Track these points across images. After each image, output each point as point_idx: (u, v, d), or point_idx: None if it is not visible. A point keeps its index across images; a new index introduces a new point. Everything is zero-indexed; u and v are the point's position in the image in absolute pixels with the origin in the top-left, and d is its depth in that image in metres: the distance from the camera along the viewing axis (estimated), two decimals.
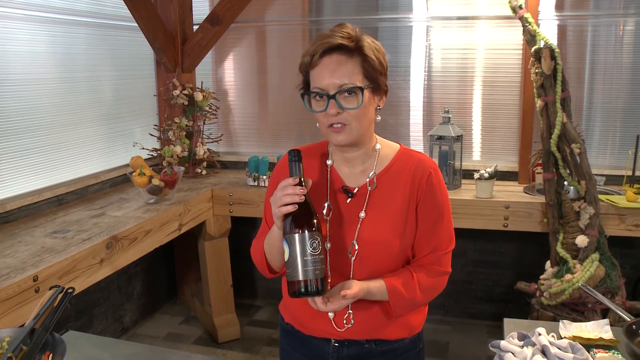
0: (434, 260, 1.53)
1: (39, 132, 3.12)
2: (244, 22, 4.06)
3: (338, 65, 1.39)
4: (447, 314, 4.05)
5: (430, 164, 1.54)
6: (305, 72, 1.45)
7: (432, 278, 1.53)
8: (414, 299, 1.49)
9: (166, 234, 3.07)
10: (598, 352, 1.61)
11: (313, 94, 1.43)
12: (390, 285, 1.46)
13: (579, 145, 2.97)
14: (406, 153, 1.56)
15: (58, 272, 2.27)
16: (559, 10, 3.50)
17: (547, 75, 3.01)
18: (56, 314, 1.41)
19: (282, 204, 1.33)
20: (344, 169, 1.55)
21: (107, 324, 3.69)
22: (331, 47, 1.38)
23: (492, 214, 3.21)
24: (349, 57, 1.39)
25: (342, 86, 1.38)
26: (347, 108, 1.39)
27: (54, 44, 3.21)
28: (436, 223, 1.51)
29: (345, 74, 1.38)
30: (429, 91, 3.81)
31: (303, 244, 1.32)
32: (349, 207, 1.51)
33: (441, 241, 1.53)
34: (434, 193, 1.51)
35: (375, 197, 1.51)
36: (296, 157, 1.37)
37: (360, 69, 1.40)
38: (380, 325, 1.54)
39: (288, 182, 1.35)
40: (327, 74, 1.39)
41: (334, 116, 1.40)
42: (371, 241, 1.48)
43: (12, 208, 2.89)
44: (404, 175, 1.52)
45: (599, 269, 2.89)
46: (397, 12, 3.78)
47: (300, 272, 1.32)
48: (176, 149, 3.82)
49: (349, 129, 1.42)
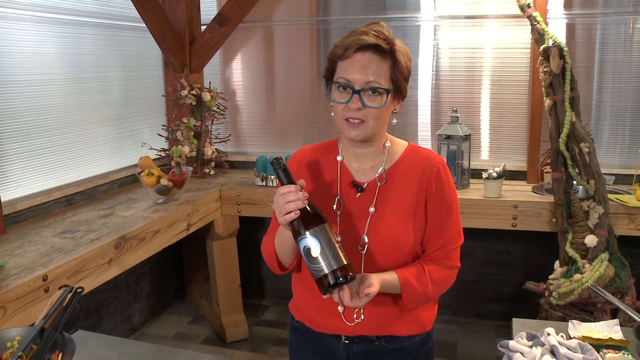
0: (444, 254, 1.54)
1: (48, 132, 3.14)
2: (252, 22, 4.07)
3: (370, 63, 1.41)
4: (456, 314, 4.04)
5: (438, 160, 1.56)
6: (333, 62, 1.47)
7: (443, 272, 1.54)
8: (425, 293, 1.50)
9: (174, 234, 3.08)
10: (608, 353, 1.60)
11: (337, 84, 1.45)
12: (403, 278, 1.47)
13: (587, 145, 2.95)
14: (414, 150, 1.59)
15: (67, 272, 2.28)
16: (568, 8, 3.48)
17: (555, 74, 3.00)
18: (66, 313, 1.42)
19: (287, 211, 1.34)
20: (354, 165, 1.57)
21: (116, 323, 3.71)
22: (367, 45, 1.40)
23: (501, 214, 3.20)
24: (381, 58, 1.42)
25: (369, 83, 1.41)
26: (369, 106, 1.42)
27: (62, 45, 3.23)
28: (445, 218, 1.53)
29: (374, 73, 1.41)
30: (437, 90, 3.81)
31: (327, 235, 1.35)
32: (359, 202, 1.53)
33: (450, 236, 1.55)
34: (443, 189, 1.53)
35: (384, 192, 1.53)
36: (281, 165, 1.39)
37: (389, 72, 1.43)
38: (390, 320, 1.54)
39: (288, 190, 1.36)
40: (357, 68, 1.41)
41: (355, 111, 1.42)
42: (381, 235, 1.49)
43: (22, 208, 2.91)
44: (412, 171, 1.54)
45: (609, 268, 2.87)
46: (404, 12, 3.77)
47: (334, 260, 1.33)
48: (184, 149, 3.83)
49: (365, 127, 1.45)
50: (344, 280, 1.34)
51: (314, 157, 1.62)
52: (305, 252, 1.35)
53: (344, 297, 1.38)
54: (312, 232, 1.34)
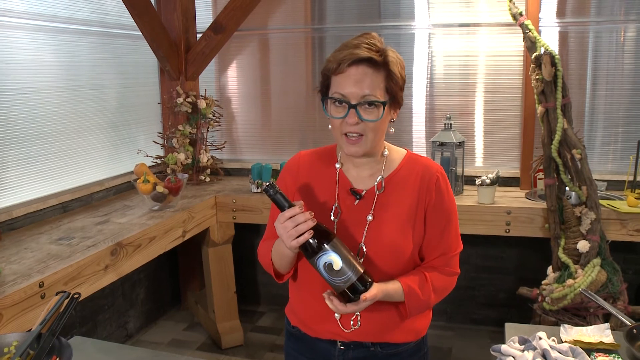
0: (444, 262, 1.55)
1: (44, 140, 3.15)
2: (247, 30, 4.09)
3: (364, 77, 1.40)
4: (450, 319, 4.05)
5: (437, 168, 1.56)
6: (327, 76, 1.46)
7: (444, 279, 1.55)
8: (428, 300, 1.52)
9: (170, 240, 3.09)
10: (599, 356, 1.62)
11: (333, 100, 1.45)
12: (407, 286, 1.48)
13: (579, 151, 2.98)
14: (413, 158, 1.59)
15: (63, 279, 2.29)
16: (560, 16, 3.52)
17: (547, 81, 3.03)
18: (62, 319, 1.43)
19: (300, 233, 1.36)
20: (353, 173, 1.58)
21: (112, 330, 3.71)
22: (360, 59, 1.40)
23: (494, 220, 3.22)
24: (375, 71, 1.41)
25: (365, 97, 1.40)
26: (366, 120, 1.42)
27: (58, 53, 3.24)
28: (445, 227, 1.54)
29: (369, 86, 1.40)
30: (431, 98, 3.84)
31: (343, 246, 1.39)
32: (357, 210, 1.53)
33: (450, 244, 1.55)
34: (443, 198, 1.54)
35: (382, 200, 1.53)
36: (276, 189, 1.39)
37: (384, 84, 1.42)
38: (387, 328, 1.55)
39: (294, 212, 1.36)
40: (351, 83, 1.40)
41: (352, 125, 1.43)
42: (379, 243, 1.50)
43: (18, 215, 2.92)
44: (411, 180, 1.54)
45: (601, 274, 2.90)
46: (399, 20, 3.80)
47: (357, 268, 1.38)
48: (180, 156, 3.84)
49: (365, 141, 1.45)
50: (370, 284, 1.38)
51: (311, 163, 1.62)
52: (327, 268, 1.36)
53: (337, 305, 1.40)
54: (330, 247, 1.36)
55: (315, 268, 1.39)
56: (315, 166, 1.61)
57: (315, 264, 1.38)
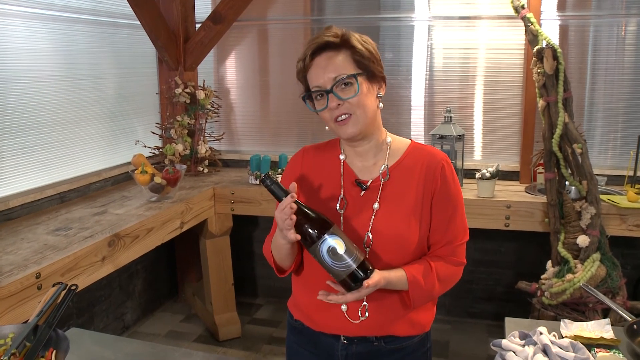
0: (450, 251, 1.54)
1: (41, 129, 3.13)
2: (246, 21, 4.07)
3: (328, 61, 1.44)
4: (448, 313, 4.05)
5: (442, 156, 1.56)
6: (303, 78, 1.50)
7: (450, 269, 1.54)
8: (432, 290, 1.50)
9: (168, 232, 3.07)
10: (599, 352, 1.61)
11: (314, 95, 1.48)
12: (410, 275, 1.47)
13: (580, 145, 2.97)
14: (418, 147, 1.59)
15: (60, 270, 2.27)
16: (561, 10, 3.50)
17: (549, 75, 3.01)
18: (59, 310, 1.42)
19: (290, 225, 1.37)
20: (357, 163, 1.57)
21: (108, 321, 3.70)
22: (319, 47, 1.45)
23: (494, 214, 3.22)
24: (337, 52, 1.45)
25: (336, 78, 1.43)
26: (345, 98, 1.44)
27: (55, 42, 3.22)
28: (452, 215, 1.54)
29: (336, 67, 1.43)
30: (431, 90, 3.82)
31: (343, 233, 1.40)
32: (363, 200, 1.53)
33: (456, 233, 1.55)
34: (448, 185, 1.53)
35: (388, 189, 1.53)
36: (272, 180, 1.40)
37: (351, 60, 1.45)
38: (391, 320, 1.54)
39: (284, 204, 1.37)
40: (320, 71, 1.44)
41: (336, 109, 1.44)
42: (385, 232, 1.49)
43: (15, 205, 2.90)
44: (417, 168, 1.53)
45: (600, 268, 2.89)
46: (399, 12, 3.78)
47: (358, 254, 1.38)
48: (178, 147, 3.83)
49: (355, 119, 1.46)
50: (371, 271, 1.39)
51: (316, 157, 1.63)
52: (330, 253, 1.36)
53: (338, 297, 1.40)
54: (330, 233, 1.37)
55: (315, 257, 1.39)
56: (320, 159, 1.61)
57: (316, 252, 1.37)
